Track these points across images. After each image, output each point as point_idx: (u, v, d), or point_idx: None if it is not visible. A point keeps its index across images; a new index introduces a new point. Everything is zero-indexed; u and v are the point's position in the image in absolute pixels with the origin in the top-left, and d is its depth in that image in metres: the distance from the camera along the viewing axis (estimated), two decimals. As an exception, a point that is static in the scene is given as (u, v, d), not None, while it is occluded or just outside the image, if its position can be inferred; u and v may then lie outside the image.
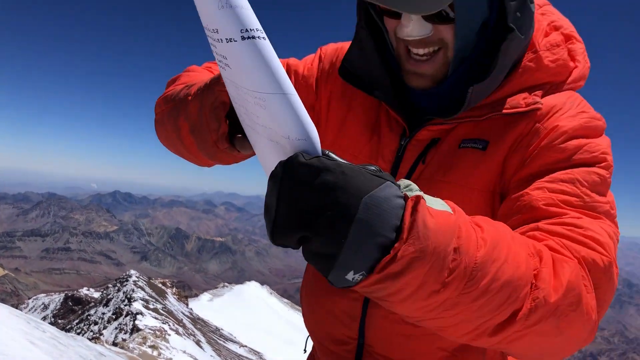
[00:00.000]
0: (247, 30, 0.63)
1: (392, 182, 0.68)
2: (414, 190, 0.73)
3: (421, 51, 1.10)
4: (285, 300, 51.30)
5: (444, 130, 1.17)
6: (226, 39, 0.65)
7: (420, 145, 1.19)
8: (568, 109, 1.10)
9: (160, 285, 29.75)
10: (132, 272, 28.52)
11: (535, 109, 1.10)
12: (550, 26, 1.20)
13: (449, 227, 0.69)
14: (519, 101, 1.11)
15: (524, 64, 1.13)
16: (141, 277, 28.03)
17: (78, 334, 19.03)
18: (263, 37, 0.65)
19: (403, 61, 1.16)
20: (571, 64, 1.17)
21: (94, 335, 18.85)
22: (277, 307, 46.27)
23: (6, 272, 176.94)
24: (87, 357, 10.16)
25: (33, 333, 9.69)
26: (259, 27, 0.65)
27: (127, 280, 26.33)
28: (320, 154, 0.69)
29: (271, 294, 51.13)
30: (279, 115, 0.68)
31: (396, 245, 0.65)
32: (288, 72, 1.44)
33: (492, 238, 0.76)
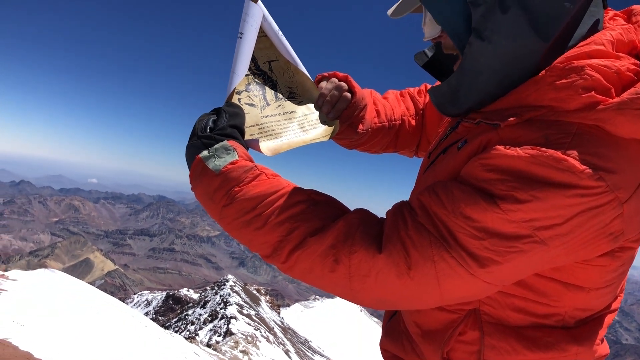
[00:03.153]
0: (240, 33, 1.35)
1: (201, 145, 1.22)
2: (218, 151, 1.19)
3: (446, 51, 1.28)
4: (375, 319, 50.76)
5: (469, 128, 1.21)
6: (238, 35, 1.36)
7: (455, 137, 1.25)
8: (525, 141, 0.99)
9: (255, 292, 30.54)
10: (230, 276, 29.45)
11: (494, 124, 1.06)
12: (627, 44, 1.06)
13: (209, 174, 1.17)
14: (500, 115, 1.08)
15: (530, 79, 1.05)
16: (238, 282, 28.90)
17: (176, 332, 19.97)
18: (240, 38, 1.35)
19: None
20: (582, 95, 0.96)
21: (190, 335, 19.69)
22: (366, 325, 45.89)
23: (117, 267, 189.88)
24: (183, 355, 10.65)
25: (138, 328, 10.33)
26: (241, 32, 1.34)
27: (224, 285, 27.25)
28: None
29: (361, 310, 50.81)
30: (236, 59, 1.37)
31: (193, 165, 1.21)
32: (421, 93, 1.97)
33: (268, 185, 1.17)
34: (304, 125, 1.52)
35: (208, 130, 1.25)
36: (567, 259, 1.04)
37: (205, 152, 1.20)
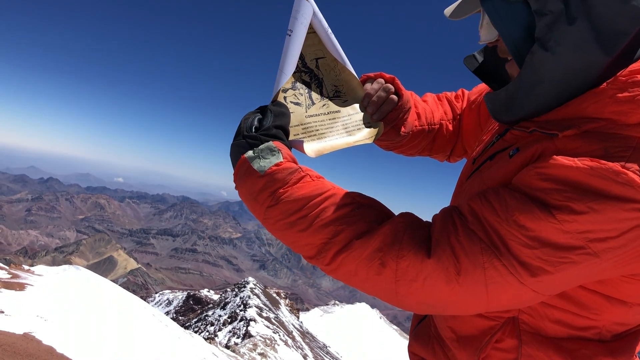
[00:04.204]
0: (289, 30, 1.34)
1: (246, 145, 1.21)
2: (263, 152, 1.19)
3: (502, 55, 1.28)
4: (394, 326, 50.45)
5: (520, 136, 1.20)
6: (288, 32, 1.35)
7: (503, 145, 1.25)
8: (584, 152, 0.97)
9: (274, 295, 30.59)
10: (250, 279, 29.56)
11: (552, 134, 1.04)
12: None
13: (253, 174, 1.17)
14: (557, 125, 1.07)
15: (590, 91, 1.04)
16: (258, 285, 28.98)
17: (195, 332, 20.10)
18: (289, 35, 1.34)
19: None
20: None
21: (209, 336, 19.81)
22: (385, 332, 45.62)
23: (139, 265, 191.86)
24: (202, 356, 10.71)
25: (158, 327, 10.41)
26: (291, 30, 1.34)
27: (244, 287, 27.35)
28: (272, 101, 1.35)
29: (380, 318, 50.55)
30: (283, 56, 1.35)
31: (237, 164, 1.21)
32: (462, 97, 1.96)
33: (311, 188, 1.17)
34: (347, 126, 1.51)
35: (253, 130, 1.25)
36: (615, 272, 1.02)
37: (250, 153, 1.20)
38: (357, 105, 1.56)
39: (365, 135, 1.52)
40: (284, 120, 1.30)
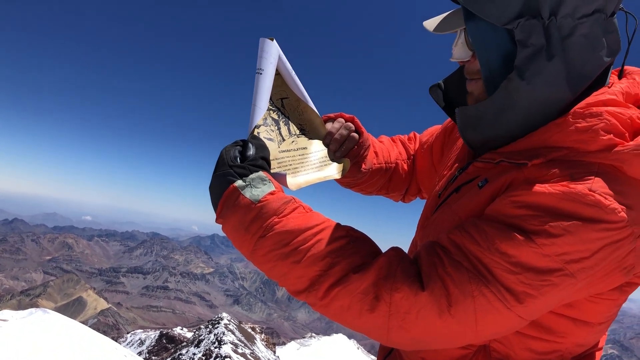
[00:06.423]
0: (259, 69, 1.36)
1: (234, 175, 1.18)
2: (255, 181, 1.18)
3: (468, 76, 1.32)
4: (372, 356, 49.96)
5: (484, 168, 1.27)
6: (258, 71, 1.36)
7: (467, 177, 1.32)
8: (552, 179, 1.06)
9: (249, 330, 30.08)
10: (224, 315, 29.02)
11: (521, 163, 1.12)
12: (633, 97, 1.16)
13: (245, 203, 1.15)
14: (523, 155, 1.14)
15: (552, 122, 1.13)
16: (232, 320, 28.48)
17: (170, 372, 19.56)
18: (260, 73, 1.35)
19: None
20: (603, 137, 1.06)
21: (184, 375, 19.29)
22: (363, 363, 45.12)
23: (110, 305, 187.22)
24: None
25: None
26: (261, 68, 1.35)
27: (218, 323, 26.82)
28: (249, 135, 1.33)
29: (358, 348, 50.07)
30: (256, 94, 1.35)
31: (225, 193, 1.18)
32: (414, 139, 2.09)
33: (301, 221, 1.16)
34: (315, 162, 1.55)
35: (238, 161, 1.24)
36: (586, 292, 1.09)
37: (240, 182, 1.18)
38: (321, 142, 1.62)
39: (333, 170, 1.58)
40: (266, 152, 1.30)
